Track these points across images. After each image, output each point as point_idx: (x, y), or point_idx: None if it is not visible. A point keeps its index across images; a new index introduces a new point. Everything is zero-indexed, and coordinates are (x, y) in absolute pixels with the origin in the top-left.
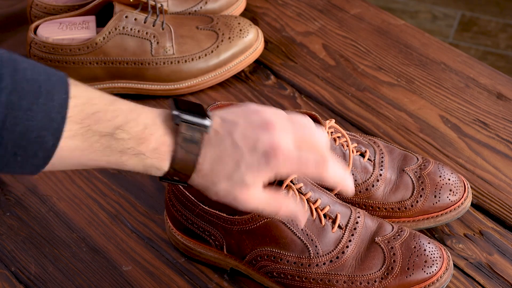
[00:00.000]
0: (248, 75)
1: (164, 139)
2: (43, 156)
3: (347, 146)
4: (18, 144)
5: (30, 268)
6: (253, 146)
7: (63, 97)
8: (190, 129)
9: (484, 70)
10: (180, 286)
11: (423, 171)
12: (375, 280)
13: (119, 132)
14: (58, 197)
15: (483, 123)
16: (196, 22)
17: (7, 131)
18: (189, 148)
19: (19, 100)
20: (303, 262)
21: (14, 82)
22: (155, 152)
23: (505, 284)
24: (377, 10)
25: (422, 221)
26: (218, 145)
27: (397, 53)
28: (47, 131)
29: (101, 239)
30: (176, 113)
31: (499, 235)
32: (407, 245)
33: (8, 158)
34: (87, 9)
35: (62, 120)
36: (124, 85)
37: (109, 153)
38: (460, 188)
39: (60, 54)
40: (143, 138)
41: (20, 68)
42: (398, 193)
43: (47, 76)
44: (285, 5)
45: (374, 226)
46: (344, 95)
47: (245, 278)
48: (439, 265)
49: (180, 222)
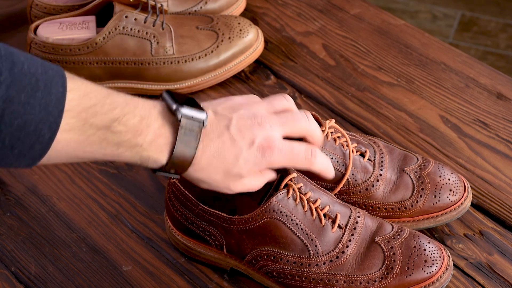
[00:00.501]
0: (248, 75)
1: (162, 131)
2: (40, 148)
3: (347, 146)
4: (15, 137)
5: (30, 268)
6: (251, 141)
7: (60, 90)
8: (189, 122)
9: (484, 70)
10: (180, 286)
11: (423, 171)
12: (375, 280)
13: (116, 125)
14: (58, 197)
15: (483, 123)
16: (196, 22)
17: (5, 124)
18: (188, 142)
19: (18, 94)
20: (303, 262)
21: (12, 76)
22: (153, 144)
23: (505, 284)
24: (377, 10)
25: (422, 221)
26: (215, 139)
27: (397, 53)
28: (44, 125)
29: (101, 239)
30: (176, 107)
31: (499, 235)
32: (407, 245)
33: (5, 151)
34: (87, 9)
35: (59, 113)
36: (124, 85)
37: (105, 145)
38: (460, 188)
39: (60, 54)
40: (140, 130)
41: (17, 61)
42: (398, 193)
43: (44, 70)
44: (285, 5)
45: (374, 226)
46: (344, 95)
47: (245, 278)
48: (439, 265)
49: (180, 222)
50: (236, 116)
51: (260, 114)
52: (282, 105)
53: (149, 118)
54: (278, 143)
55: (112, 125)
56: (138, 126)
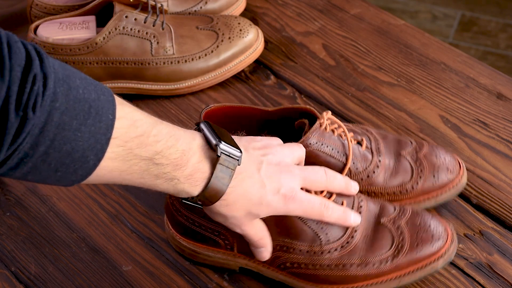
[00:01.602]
0: (248, 75)
1: (199, 166)
2: (82, 173)
3: (345, 136)
4: (61, 162)
5: (30, 268)
6: (277, 188)
7: (110, 118)
8: (227, 160)
9: (484, 70)
10: (180, 286)
11: (419, 154)
12: (387, 260)
13: (159, 158)
14: (58, 197)
15: (483, 123)
16: (196, 22)
17: (54, 149)
18: (222, 178)
19: (70, 120)
20: (315, 250)
21: (67, 102)
22: (189, 178)
23: (505, 284)
24: (377, 10)
25: (423, 202)
26: (247, 179)
27: (397, 53)
28: (91, 152)
29: (101, 239)
30: (216, 142)
31: (499, 235)
32: (412, 223)
33: (49, 173)
34: (87, 9)
35: (106, 141)
36: (124, 85)
37: (145, 175)
38: (456, 166)
39: (60, 54)
40: (180, 164)
41: (73, 86)
42: (398, 177)
43: (97, 95)
44: (285, 5)
45: (376, 208)
46: (344, 95)
47: (245, 278)
48: (444, 238)
49: (185, 227)
50: (266, 160)
51: (285, 163)
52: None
53: (189, 152)
54: (299, 194)
55: (155, 157)
56: (179, 160)
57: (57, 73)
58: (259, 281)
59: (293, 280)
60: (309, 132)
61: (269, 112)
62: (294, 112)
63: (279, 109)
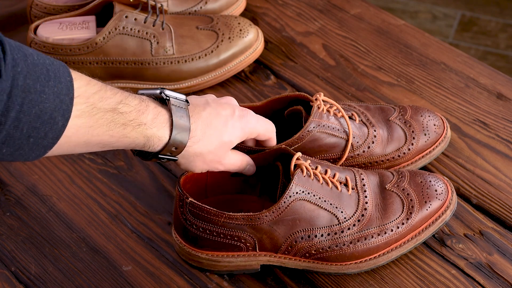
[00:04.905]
0: (248, 75)
1: (159, 110)
2: (52, 136)
3: (340, 113)
4: (32, 126)
5: (30, 268)
6: (231, 112)
7: (68, 79)
8: (176, 101)
9: (484, 70)
10: (180, 286)
11: (405, 116)
12: (402, 223)
13: (122, 106)
14: (58, 197)
15: (483, 123)
16: (196, 22)
17: (24, 113)
18: (181, 116)
19: (34, 83)
20: (335, 230)
21: (27, 66)
22: (154, 121)
23: (505, 284)
24: (377, 10)
25: (419, 161)
26: (202, 111)
27: (397, 53)
28: (58, 112)
29: (101, 239)
30: (160, 90)
31: (499, 235)
32: (414, 183)
33: (22, 140)
34: (87, 9)
35: (70, 101)
36: (124, 85)
37: (113, 126)
38: (440, 120)
39: (60, 54)
40: (142, 110)
41: (28, 53)
42: (394, 142)
43: (50, 61)
44: (285, 5)
45: (377, 178)
46: (344, 95)
47: (245, 278)
48: (446, 190)
49: (202, 238)
50: (208, 99)
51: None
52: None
53: (145, 100)
54: (250, 112)
55: (117, 107)
56: (140, 106)
57: (10, 42)
58: (259, 281)
59: (318, 265)
60: (311, 117)
61: (258, 107)
62: (282, 103)
63: (268, 101)
